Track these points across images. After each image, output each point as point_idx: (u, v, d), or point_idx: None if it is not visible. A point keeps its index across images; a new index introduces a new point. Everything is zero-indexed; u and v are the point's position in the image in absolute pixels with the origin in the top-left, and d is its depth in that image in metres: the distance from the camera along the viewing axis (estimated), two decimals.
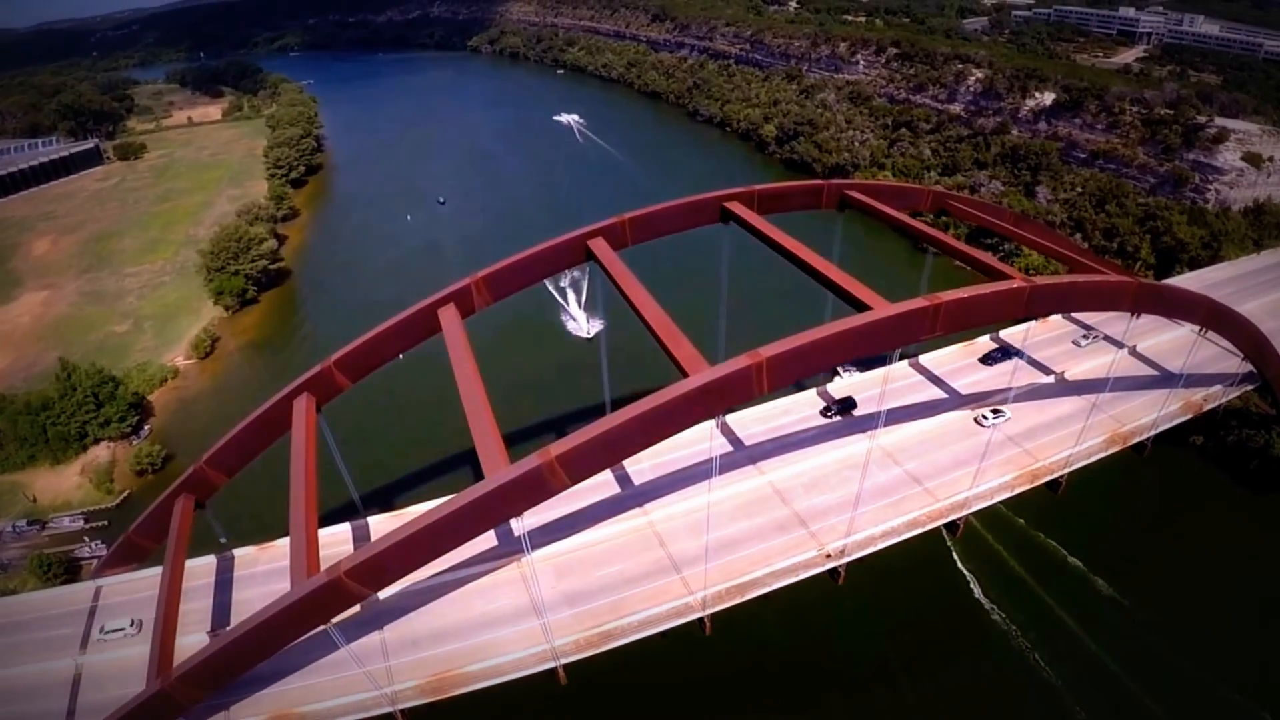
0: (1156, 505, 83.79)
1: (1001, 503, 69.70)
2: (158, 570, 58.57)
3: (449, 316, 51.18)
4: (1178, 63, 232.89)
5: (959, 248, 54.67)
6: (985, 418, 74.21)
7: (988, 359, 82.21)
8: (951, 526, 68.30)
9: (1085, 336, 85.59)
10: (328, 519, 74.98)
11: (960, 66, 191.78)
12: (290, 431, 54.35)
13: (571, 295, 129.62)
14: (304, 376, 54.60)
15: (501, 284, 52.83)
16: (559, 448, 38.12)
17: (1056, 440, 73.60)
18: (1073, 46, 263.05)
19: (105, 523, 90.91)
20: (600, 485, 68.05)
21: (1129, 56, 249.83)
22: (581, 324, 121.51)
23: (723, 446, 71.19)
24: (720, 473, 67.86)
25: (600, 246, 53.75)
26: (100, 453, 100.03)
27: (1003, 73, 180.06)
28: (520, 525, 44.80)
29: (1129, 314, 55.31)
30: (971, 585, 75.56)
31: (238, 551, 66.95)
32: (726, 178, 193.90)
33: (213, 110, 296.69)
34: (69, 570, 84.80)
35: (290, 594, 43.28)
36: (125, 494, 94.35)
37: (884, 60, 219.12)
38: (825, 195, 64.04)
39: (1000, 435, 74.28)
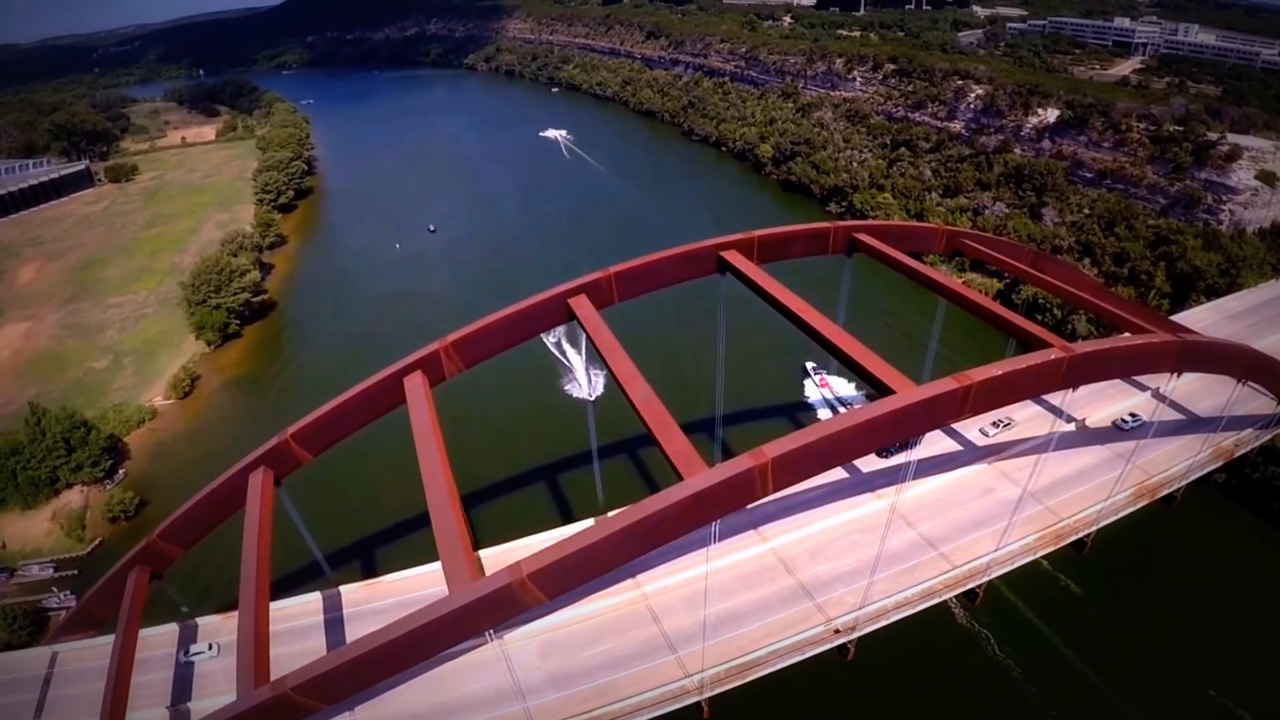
0: (1178, 544, 78.65)
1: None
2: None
3: (415, 386, 46.60)
4: (1176, 74, 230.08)
5: (989, 307, 49.97)
6: (1125, 421, 72.57)
7: (883, 451, 70.65)
8: (970, 594, 63.53)
9: (996, 424, 74.74)
10: (298, 583, 70.84)
11: (960, 82, 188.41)
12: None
13: (570, 350, 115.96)
14: (259, 450, 50.18)
15: (474, 349, 48.24)
16: (532, 564, 33.54)
17: (1080, 495, 68.90)
18: (1069, 59, 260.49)
19: (75, 572, 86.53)
20: None
21: (1126, 68, 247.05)
22: (582, 383, 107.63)
23: None
24: (719, 539, 62.96)
25: (582, 305, 49.23)
26: (73, 497, 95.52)
27: (1003, 89, 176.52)
28: None
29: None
30: (989, 641, 70.43)
31: (201, 620, 62.93)
32: (722, 201, 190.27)
33: (207, 130, 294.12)
34: (36, 623, 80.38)
35: (235, 705, 39.09)
36: (97, 541, 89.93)
37: (881, 77, 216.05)
38: (832, 239, 59.82)
39: (1019, 491, 69.63)
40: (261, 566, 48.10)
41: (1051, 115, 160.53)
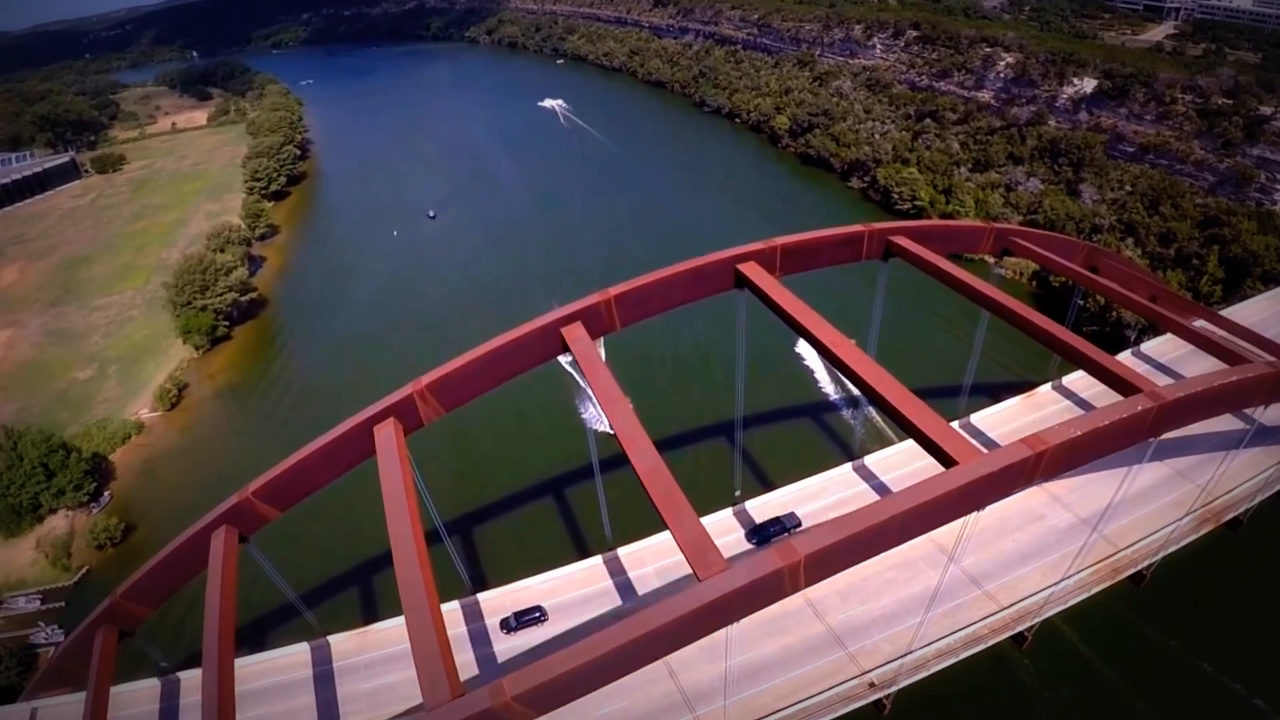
0: (1245, 568, 71.16)
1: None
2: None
3: (386, 436, 40.27)
4: (1212, 39, 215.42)
5: (1048, 329, 42.53)
6: None
7: (757, 533, 61.12)
8: (1018, 637, 57.44)
9: None
10: (283, 633, 65.63)
11: (988, 50, 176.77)
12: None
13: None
14: (221, 508, 44.53)
15: (452, 391, 41.80)
16: (517, 684, 27.53)
17: (1137, 522, 62.23)
18: (1099, 23, 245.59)
19: (62, 604, 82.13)
20: (597, 598, 57.63)
21: (1159, 33, 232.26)
22: (600, 410, 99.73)
23: (742, 543, 60.43)
24: None
25: (577, 335, 42.42)
26: (58, 523, 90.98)
27: (1035, 57, 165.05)
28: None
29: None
30: (1039, 682, 64.10)
31: (183, 674, 58.36)
32: (737, 178, 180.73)
33: (199, 115, 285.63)
34: (24, 661, 76.34)
35: None
36: (84, 570, 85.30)
37: (903, 43, 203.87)
38: (866, 244, 52.66)
39: (1071, 518, 63.05)
40: (225, 634, 42.91)
41: (1088, 85, 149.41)
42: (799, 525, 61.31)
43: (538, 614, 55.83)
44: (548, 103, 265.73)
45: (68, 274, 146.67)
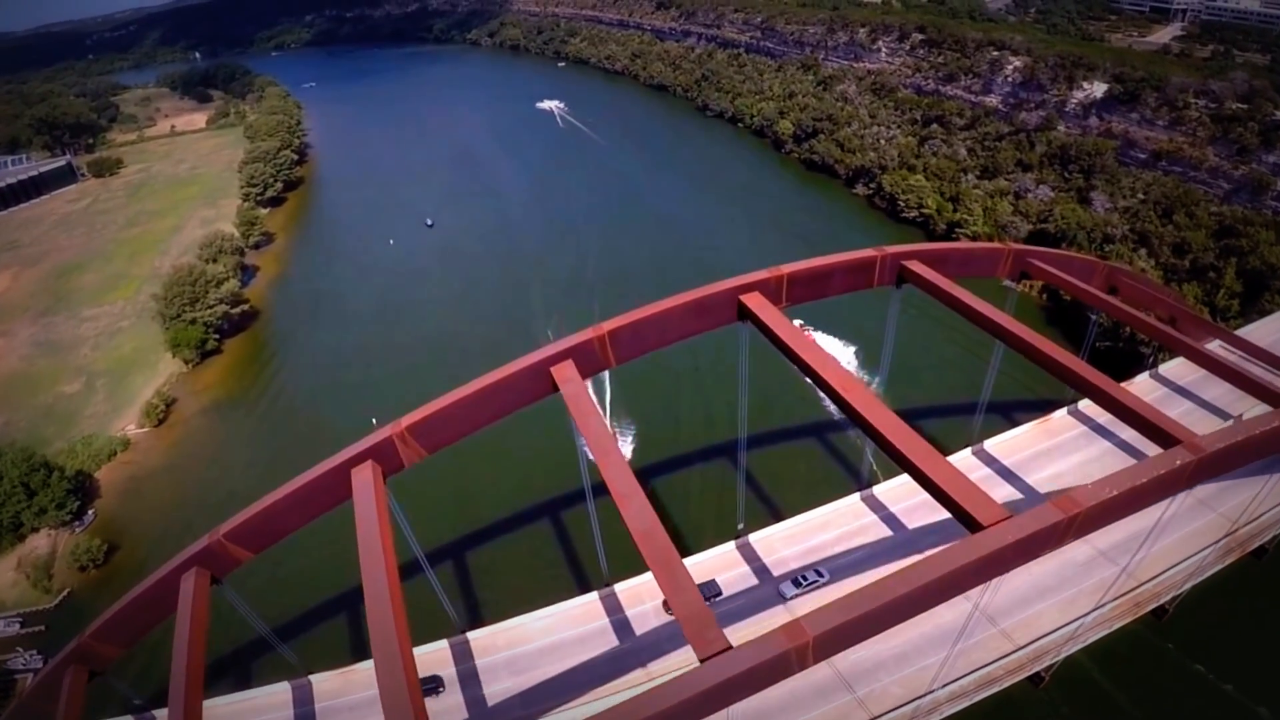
0: (1261, 587, 67.88)
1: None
2: None
3: (364, 480, 37.68)
4: (1219, 41, 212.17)
5: (1071, 368, 39.66)
6: None
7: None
8: (1034, 677, 54.66)
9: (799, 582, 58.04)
10: (262, 669, 62.82)
11: (995, 54, 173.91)
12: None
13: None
14: (191, 550, 42.14)
15: (434, 433, 39.25)
16: None
17: (1159, 554, 59.34)
18: (1105, 25, 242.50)
19: (42, 627, 79.55)
20: (592, 638, 54.93)
21: (1165, 35, 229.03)
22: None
23: (745, 578, 57.73)
24: (744, 616, 54.92)
25: (567, 374, 39.72)
26: (40, 542, 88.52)
27: (1044, 60, 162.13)
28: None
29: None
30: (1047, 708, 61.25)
31: (157, 713, 55.95)
32: (739, 187, 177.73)
33: (198, 117, 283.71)
34: (1, 687, 73.87)
35: None
36: (65, 593, 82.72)
37: (908, 47, 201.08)
38: (878, 270, 49.85)
39: (1090, 550, 60.25)
40: (193, 683, 40.31)
41: (1099, 90, 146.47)
42: (718, 595, 57.11)
43: (434, 685, 52.70)
44: (546, 104, 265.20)
45: (59, 282, 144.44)
